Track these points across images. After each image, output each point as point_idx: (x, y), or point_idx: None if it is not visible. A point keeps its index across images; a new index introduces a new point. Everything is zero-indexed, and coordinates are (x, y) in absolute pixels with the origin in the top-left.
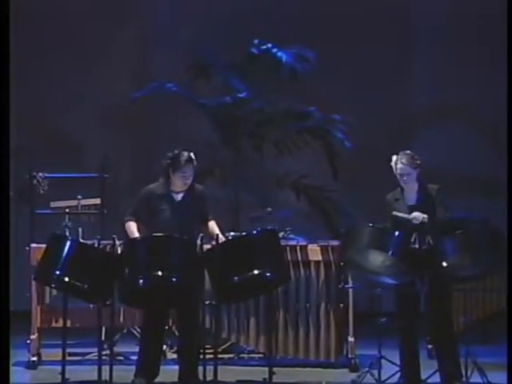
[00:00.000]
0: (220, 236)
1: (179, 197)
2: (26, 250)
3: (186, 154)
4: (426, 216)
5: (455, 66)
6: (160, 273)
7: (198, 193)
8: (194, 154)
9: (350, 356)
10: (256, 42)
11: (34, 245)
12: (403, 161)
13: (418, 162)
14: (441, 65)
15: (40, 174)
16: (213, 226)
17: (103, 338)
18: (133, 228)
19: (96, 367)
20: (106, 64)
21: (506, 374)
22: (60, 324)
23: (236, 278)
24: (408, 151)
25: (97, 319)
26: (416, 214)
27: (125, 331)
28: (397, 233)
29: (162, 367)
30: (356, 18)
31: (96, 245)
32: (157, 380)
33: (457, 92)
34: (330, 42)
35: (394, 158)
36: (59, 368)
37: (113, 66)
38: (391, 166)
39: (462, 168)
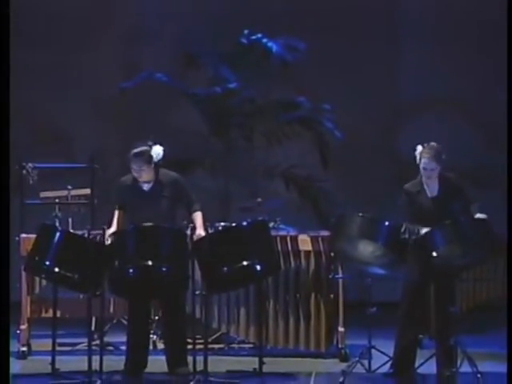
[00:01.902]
0: (198, 232)
1: (146, 186)
2: (15, 240)
3: (138, 148)
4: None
5: (446, 56)
6: (150, 263)
7: (170, 180)
8: (165, 146)
9: (340, 346)
10: (246, 32)
11: (23, 235)
12: (428, 155)
13: (444, 157)
14: (432, 55)
15: (30, 165)
16: (195, 217)
17: (93, 328)
18: (114, 218)
19: (86, 357)
20: (96, 54)
21: (506, 366)
22: (50, 314)
23: (226, 268)
24: (434, 144)
25: (87, 309)
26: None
27: (115, 321)
28: (387, 223)
29: (152, 357)
30: (346, 8)
31: (86, 235)
32: (147, 370)
33: (448, 83)
34: (320, 32)
35: (419, 148)
36: (49, 358)
37: (102, 56)
38: (415, 157)
39: (452, 159)
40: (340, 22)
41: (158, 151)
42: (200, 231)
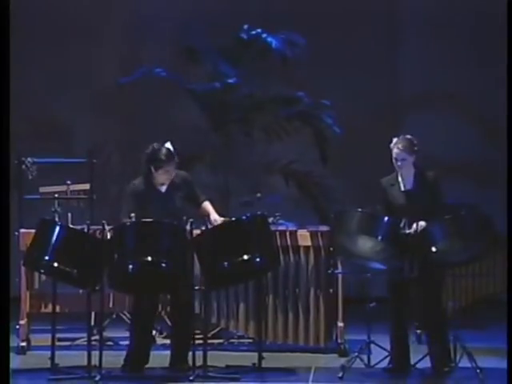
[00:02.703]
0: (213, 216)
1: (164, 188)
2: (14, 235)
3: (164, 149)
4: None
5: (446, 52)
6: (149, 258)
7: (182, 180)
8: (172, 144)
9: (339, 341)
10: (245, 27)
11: (23, 230)
12: (399, 146)
13: (416, 148)
14: (430, 50)
15: (29, 159)
16: (206, 206)
17: (93, 323)
18: None
19: (85, 352)
20: (95, 49)
21: (507, 361)
22: (49, 309)
23: (225, 263)
24: (408, 136)
25: (86, 304)
26: (415, 226)
27: (114, 316)
28: (386, 218)
29: (151, 352)
30: (346, 4)
31: (85, 230)
32: (147, 365)
33: (446, 78)
34: (320, 27)
35: (394, 140)
36: (49, 353)
37: (102, 50)
38: (390, 149)
39: (450, 153)
40: (340, 17)
41: (172, 149)
42: (215, 216)
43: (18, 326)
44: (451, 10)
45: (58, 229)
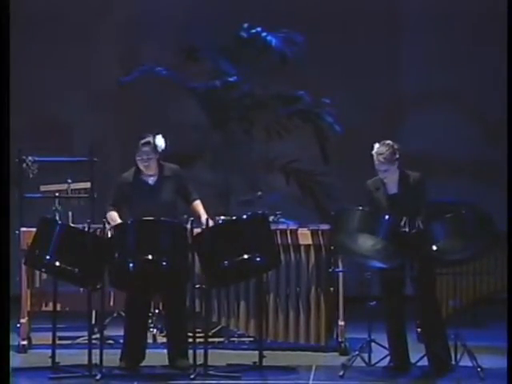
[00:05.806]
0: (204, 218)
1: (151, 180)
2: (15, 234)
3: (145, 137)
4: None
5: (447, 50)
6: (150, 256)
7: (172, 173)
8: (164, 137)
9: (339, 339)
10: (246, 25)
11: (23, 229)
12: (380, 158)
13: (397, 155)
14: (430, 49)
15: (29, 158)
16: (197, 206)
17: (93, 321)
18: (114, 216)
19: (86, 351)
20: (96, 48)
21: (506, 360)
22: (50, 308)
23: (226, 262)
24: (388, 142)
25: (87, 303)
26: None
27: (115, 315)
28: (387, 216)
29: (152, 351)
30: (346, 2)
31: (86, 229)
32: (147, 364)
33: (446, 76)
34: (320, 25)
35: (376, 146)
36: (49, 352)
37: (102, 49)
38: (371, 155)
39: (450, 152)
40: (340, 15)
41: (161, 142)
42: (205, 217)
43: (18, 325)
44: (452, 9)
45: (58, 227)
